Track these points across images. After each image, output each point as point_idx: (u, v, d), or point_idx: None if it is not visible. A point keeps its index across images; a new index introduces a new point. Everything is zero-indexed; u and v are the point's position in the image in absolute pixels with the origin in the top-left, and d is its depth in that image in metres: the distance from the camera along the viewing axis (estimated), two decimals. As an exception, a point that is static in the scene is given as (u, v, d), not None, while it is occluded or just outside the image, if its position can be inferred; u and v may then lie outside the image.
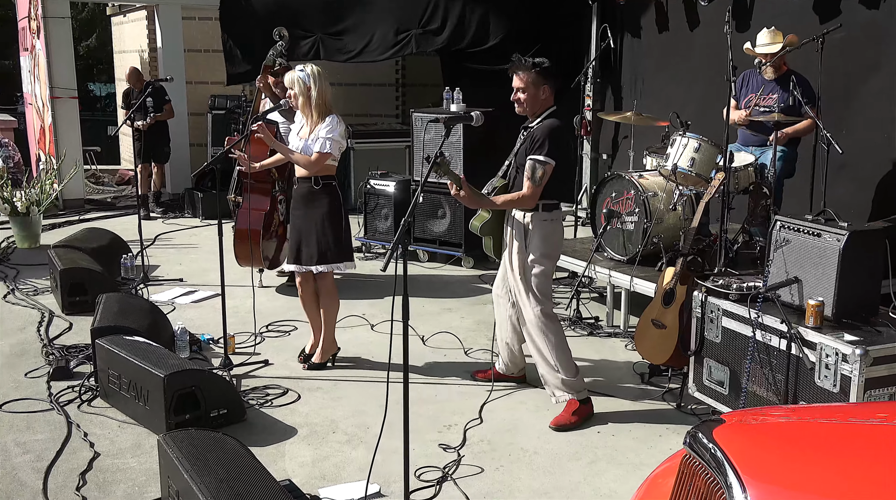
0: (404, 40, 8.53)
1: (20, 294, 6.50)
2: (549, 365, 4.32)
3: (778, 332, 3.89)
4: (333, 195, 4.87)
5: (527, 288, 4.29)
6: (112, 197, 11.23)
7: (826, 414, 2.54)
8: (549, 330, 4.30)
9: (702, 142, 5.33)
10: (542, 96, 4.20)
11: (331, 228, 4.83)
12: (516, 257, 4.31)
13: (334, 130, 4.77)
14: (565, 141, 4.21)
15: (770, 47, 5.75)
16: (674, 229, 5.67)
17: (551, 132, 4.12)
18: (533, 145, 4.12)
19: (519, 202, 4.18)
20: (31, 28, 10.67)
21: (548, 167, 4.10)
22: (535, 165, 4.10)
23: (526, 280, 4.28)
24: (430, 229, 7.54)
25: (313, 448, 4.03)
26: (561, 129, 4.20)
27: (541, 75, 4.17)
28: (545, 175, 4.11)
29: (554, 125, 4.16)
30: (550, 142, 4.09)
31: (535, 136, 4.14)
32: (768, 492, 1.86)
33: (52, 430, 4.18)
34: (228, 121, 10.61)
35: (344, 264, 4.93)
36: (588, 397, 4.36)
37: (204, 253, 7.79)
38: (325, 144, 4.74)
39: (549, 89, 4.21)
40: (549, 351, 4.29)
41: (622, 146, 8.46)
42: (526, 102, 4.23)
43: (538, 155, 4.09)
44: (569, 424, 4.24)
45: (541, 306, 4.29)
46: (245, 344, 5.35)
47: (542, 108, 4.23)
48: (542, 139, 4.10)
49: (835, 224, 3.93)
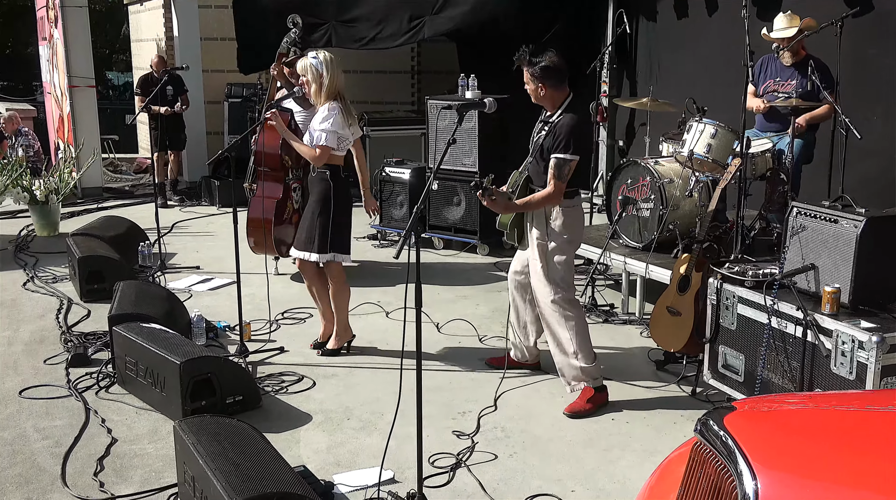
0: (417, 26, 8.50)
1: (39, 282, 6.57)
2: (565, 354, 4.31)
3: (794, 319, 3.87)
4: (325, 185, 4.82)
5: (548, 276, 4.28)
6: (130, 185, 11.30)
7: (844, 401, 2.52)
8: (571, 317, 4.29)
9: (718, 128, 5.28)
10: (542, 93, 4.20)
11: (318, 217, 4.82)
12: (536, 246, 4.30)
13: (327, 120, 4.72)
14: (587, 134, 4.24)
15: (786, 31, 5.69)
16: (690, 216, 5.64)
17: (572, 129, 4.14)
18: (556, 143, 4.14)
19: (550, 200, 4.20)
20: (50, 17, 10.72)
21: (572, 164, 4.14)
22: (559, 163, 4.12)
23: (548, 268, 4.28)
24: (445, 217, 7.54)
25: (328, 435, 4.06)
26: (581, 123, 4.23)
27: (535, 76, 4.16)
28: (570, 171, 4.15)
29: (574, 121, 4.18)
30: (574, 138, 4.12)
31: (558, 133, 4.14)
32: (779, 480, 1.85)
33: (70, 416, 4.23)
34: (245, 109, 10.63)
35: (322, 256, 4.82)
36: (603, 385, 4.35)
37: (220, 241, 7.84)
38: (321, 136, 4.73)
39: (547, 88, 4.18)
40: (569, 337, 4.28)
41: (638, 133, 8.41)
42: (533, 95, 4.26)
43: (563, 153, 4.12)
44: (583, 411, 4.24)
45: (562, 293, 4.28)
46: (261, 331, 5.38)
47: (559, 101, 4.22)
48: (565, 137, 4.12)
49: (852, 210, 3.90)
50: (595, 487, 3.58)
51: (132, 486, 3.57)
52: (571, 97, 4.25)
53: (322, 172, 4.84)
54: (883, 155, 5.98)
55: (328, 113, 4.73)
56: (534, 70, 4.15)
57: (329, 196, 4.82)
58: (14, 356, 5.04)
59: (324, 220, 4.81)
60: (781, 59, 5.79)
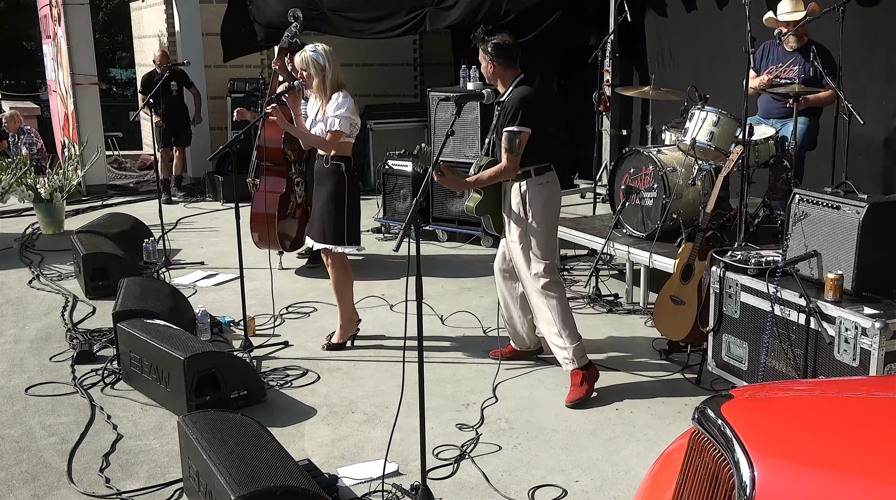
0: (417, 17, 8.48)
1: (45, 280, 6.59)
2: (555, 334, 4.33)
3: (797, 306, 3.86)
4: (339, 177, 4.83)
5: (527, 258, 4.30)
6: (134, 182, 11.32)
7: (847, 388, 2.50)
8: (553, 296, 4.31)
9: (720, 115, 5.26)
10: (491, 71, 4.29)
11: (334, 209, 4.83)
12: (515, 228, 4.33)
13: (342, 107, 4.73)
14: (537, 106, 4.26)
15: (791, 15, 5.65)
16: (693, 205, 5.62)
17: (521, 102, 4.18)
18: (506, 118, 4.19)
19: (502, 174, 4.25)
20: (53, 15, 10.73)
21: (523, 136, 4.17)
22: (510, 136, 4.17)
23: (527, 249, 4.30)
24: (448, 209, 7.53)
25: (332, 428, 4.07)
26: (530, 96, 4.24)
27: (487, 53, 4.27)
28: (521, 144, 4.18)
29: (523, 94, 4.21)
30: (522, 111, 4.15)
31: (507, 108, 4.20)
32: (777, 468, 1.85)
33: (76, 413, 4.25)
34: (248, 104, 10.63)
35: (339, 246, 4.86)
36: (588, 361, 4.35)
37: (225, 236, 7.85)
38: (335, 121, 4.73)
39: (496, 66, 4.27)
40: (550, 318, 4.31)
41: (641, 122, 8.37)
42: (485, 74, 4.36)
43: (512, 126, 4.17)
44: (582, 396, 4.24)
45: (544, 273, 4.30)
46: (265, 326, 5.40)
47: (509, 79, 4.28)
48: (514, 110, 4.17)
49: (854, 196, 3.88)
50: (599, 476, 3.58)
51: (138, 482, 3.59)
52: (522, 77, 4.30)
53: (336, 163, 4.83)
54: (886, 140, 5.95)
55: (341, 100, 4.75)
56: (486, 47, 4.25)
57: (344, 189, 4.83)
58: (20, 354, 5.06)
59: (338, 212, 4.83)
60: (784, 44, 5.76)
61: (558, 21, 8.44)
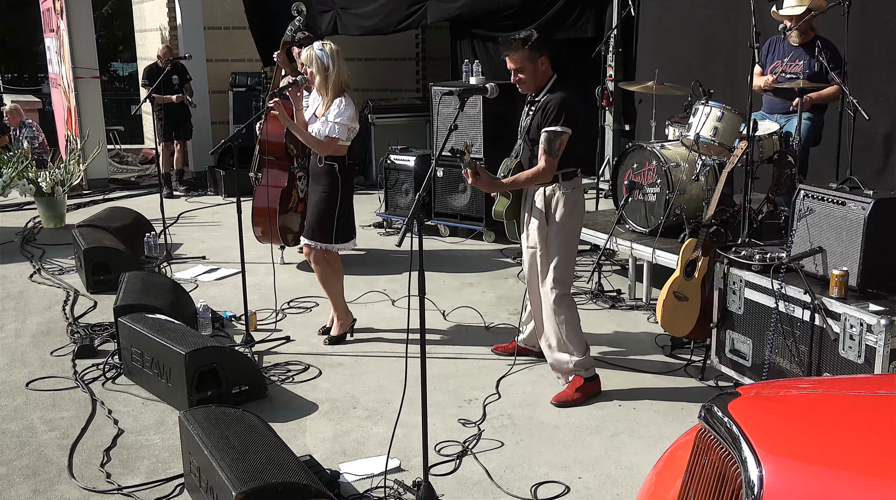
0: (418, 11, 8.45)
1: (46, 274, 6.58)
2: (559, 347, 4.24)
3: (801, 303, 3.84)
4: (333, 177, 4.83)
5: (544, 267, 4.21)
6: (136, 176, 11.30)
7: (853, 386, 2.48)
8: (563, 310, 4.20)
9: (725, 111, 5.23)
10: (542, 68, 4.11)
11: (325, 209, 4.84)
12: (537, 235, 4.20)
13: (343, 114, 4.72)
14: (580, 108, 4.11)
15: (795, 9, 5.62)
16: (696, 200, 5.59)
17: (563, 101, 4.03)
18: (546, 118, 4.04)
19: (539, 177, 4.09)
20: (56, 8, 10.71)
21: (564, 137, 4.01)
22: (550, 137, 4.01)
23: (544, 258, 4.20)
24: (450, 204, 7.51)
25: (334, 424, 4.05)
26: (573, 97, 4.09)
27: (534, 49, 4.06)
28: (562, 146, 4.02)
29: (565, 95, 4.06)
30: (565, 111, 4.01)
31: (548, 109, 4.04)
32: (784, 466, 1.83)
33: (77, 407, 4.23)
34: (249, 98, 10.61)
35: (327, 245, 4.89)
36: (595, 374, 4.29)
37: (226, 231, 7.83)
38: (335, 128, 4.72)
39: (546, 60, 4.10)
40: (560, 332, 4.21)
41: (644, 117, 8.34)
42: (527, 80, 4.13)
43: (553, 126, 4.01)
44: (570, 400, 4.18)
45: (557, 287, 4.18)
46: (267, 321, 5.38)
47: (544, 80, 4.14)
48: (555, 110, 4.01)
49: (860, 192, 3.85)
50: (602, 473, 3.56)
51: (139, 477, 3.57)
52: (556, 78, 4.15)
53: (330, 164, 4.83)
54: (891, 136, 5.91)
55: (343, 107, 4.73)
56: (528, 47, 4.04)
57: (337, 189, 4.84)
58: (21, 348, 5.05)
59: (328, 211, 4.84)
60: (789, 39, 5.73)
61: (556, 13, 8.41)
